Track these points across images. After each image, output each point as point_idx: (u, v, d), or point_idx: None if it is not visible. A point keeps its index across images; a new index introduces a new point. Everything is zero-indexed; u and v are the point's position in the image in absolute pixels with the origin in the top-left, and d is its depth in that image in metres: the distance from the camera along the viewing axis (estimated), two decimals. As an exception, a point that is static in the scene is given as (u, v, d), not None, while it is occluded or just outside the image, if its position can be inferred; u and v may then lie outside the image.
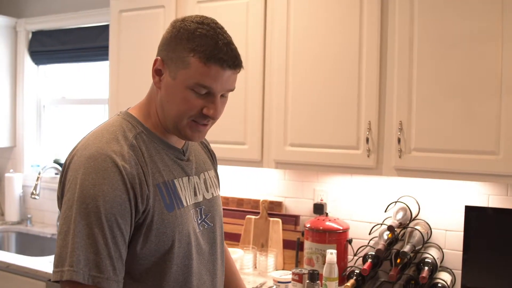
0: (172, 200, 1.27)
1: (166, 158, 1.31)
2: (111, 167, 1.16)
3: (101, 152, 1.18)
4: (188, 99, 1.23)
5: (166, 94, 1.26)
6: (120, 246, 1.16)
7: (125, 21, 2.87)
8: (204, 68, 1.20)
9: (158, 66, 1.27)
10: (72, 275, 1.09)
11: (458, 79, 2.04)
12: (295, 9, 2.38)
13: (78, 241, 1.11)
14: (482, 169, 2.01)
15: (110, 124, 1.29)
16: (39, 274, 2.67)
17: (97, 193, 1.13)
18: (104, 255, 1.12)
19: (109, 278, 1.13)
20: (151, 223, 1.21)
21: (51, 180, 3.76)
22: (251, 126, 2.47)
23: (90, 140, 1.23)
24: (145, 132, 1.29)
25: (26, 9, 3.96)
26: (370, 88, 2.21)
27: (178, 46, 1.23)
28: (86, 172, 1.16)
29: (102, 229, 1.13)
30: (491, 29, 1.98)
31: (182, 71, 1.22)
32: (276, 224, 2.77)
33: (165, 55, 1.26)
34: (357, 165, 2.25)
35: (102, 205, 1.13)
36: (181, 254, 1.28)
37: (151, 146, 1.28)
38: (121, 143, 1.22)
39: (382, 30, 2.20)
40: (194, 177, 1.39)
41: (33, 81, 3.96)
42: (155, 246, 1.22)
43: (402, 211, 2.38)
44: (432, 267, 2.19)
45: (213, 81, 1.21)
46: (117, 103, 2.89)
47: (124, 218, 1.16)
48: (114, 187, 1.15)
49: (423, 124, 2.10)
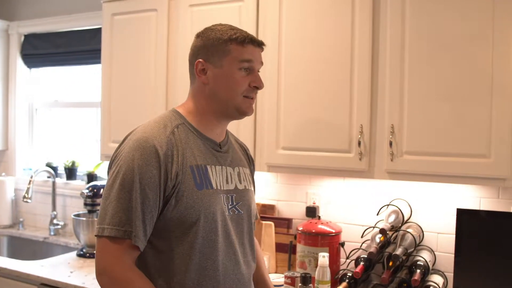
0: (202, 181, 1.50)
1: (203, 147, 1.55)
2: (149, 147, 1.43)
3: (144, 136, 1.46)
4: (237, 78, 1.54)
5: (217, 83, 1.55)
6: (147, 212, 1.41)
7: (118, 25, 2.87)
8: (242, 49, 1.54)
9: (202, 66, 1.56)
10: (110, 231, 1.38)
11: (450, 82, 2.04)
12: (287, 13, 2.38)
13: (115, 204, 1.39)
14: (473, 172, 2.01)
15: (160, 116, 1.57)
16: (30, 278, 2.65)
17: (134, 167, 1.41)
18: (135, 216, 1.38)
19: (137, 235, 1.39)
20: (181, 197, 1.44)
21: (43, 184, 3.74)
22: (243, 129, 2.47)
23: (140, 128, 1.52)
24: (186, 124, 1.55)
25: (18, 12, 3.94)
26: (362, 91, 2.21)
27: (215, 43, 1.54)
28: (129, 150, 1.44)
29: (135, 196, 1.39)
30: (482, 31, 1.99)
31: (226, 58, 1.53)
32: (269, 227, 2.77)
33: (204, 55, 1.56)
34: (349, 168, 2.26)
35: (137, 176, 1.40)
36: (207, 228, 1.48)
37: (190, 135, 1.54)
38: (162, 130, 1.49)
39: (374, 33, 2.21)
40: (227, 167, 1.61)
41: (25, 84, 3.95)
42: (184, 217, 1.45)
43: (394, 214, 2.39)
44: (424, 270, 2.20)
45: (251, 56, 1.55)
46: (110, 106, 2.88)
47: (153, 190, 1.41)
48: (148, 163, 1.41)
49: (414, 127, 2.11)
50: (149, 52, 2.74)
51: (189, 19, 2.62)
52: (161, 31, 2.70)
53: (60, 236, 3.55)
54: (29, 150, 3.99)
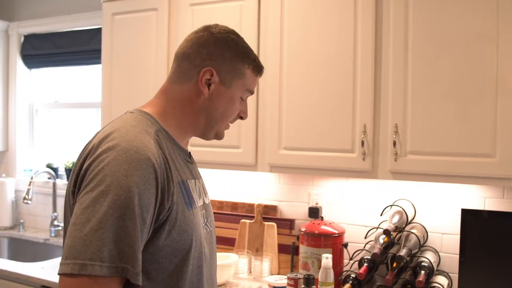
0: (189, 199, 1.28)
1: (179, 158, 1.32)
2: (144, 160, 1.12)
3: (133, 145, 1.13)
4: (237, 105, 1.39)
5: (215, 101, 1.35)
6: (143, 242, 1.12)
7: (118, 24, 2.85)
8: (254, 78, 1.40)
9: (210, 77, 1.33)
10: (99, 269, 1.03)
11: (454, 81, 2.02)
12: (289, 12, 2.36)
13: (104, 232, 1.04)
14: (478, 172, 1.99)
15: (129, 119, 1.25)
16: (31, 280, 2.64)
17: (131, 185, 1.08)
18: (136, 248, 1.08)
19: (138, 273, 1.08)
20: (175, 220, 1.19)
21: (44, 185, 3.73)
22: (245, 129, 2.45)
23: (118, 133, 1.17)
24: (162, 130, 1.29)
25: (18, 12, 3.93)
26: (365, 91, 2.19)
27: (235, 57, 1.35)
28: (119, 163, 1.09)
29: (133, 222, 1.08)
30: (486, 30, 1.96)
31: (237, 80, 1.36)
32: (271, 228, 2.75)
33: (218, 66, 1.33)
34: (353, 169, 2.23)
35: (135, 197, 1.08)
36: (196, 254, 1.26)
37: (168, 144, 1.28)
38: (147, 137, 1.19)
39: (376, 32, 2.18)
40: (196, 180, 1.40)
41: (26, 85, 3.93)
42: (176, 245, 1.20)
43: (398, 214, 2.36)
44: (428, 271, 2.18)
45: (254, 87, 1.43)
46: (110, 106, 2.86)
47: (150, 214, 1.12)
48: (146, 180, 1.11)
49: (418, 127, 2.09)
50: (149, 52, 2.72)
51: (190, 18, 2.60)
52: (162, 30, 2.68)
53: (60, 238, 3.53)
54: (30, 151, 3.97)
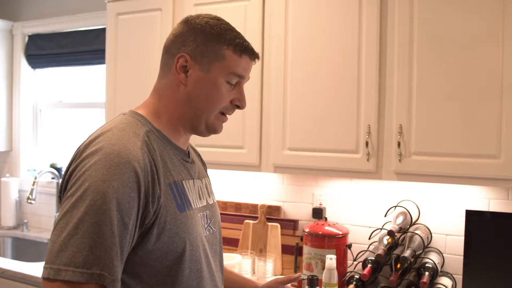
0: (182, 201, 1.25)
1: (174, 158, 1.30)
2: (124, 163, 1.10)
3: (115, 149, 1.12)
4: (221, 90, 1.30)
5: (196, 88, 1.29)
6: (125, 248, 1.10)
7: (122, 24, 2.85)
8: (238, 59, 1.30)
9: (183, 63, 1.28)
10: (72, 275, 1.02)
11: (459, 81, 2.02)
12: (293, 12, 2.36)
13: (80, 238, 1.03)
14: (482, 173, 1.99)
15: (119, 121, 1.25)
16: (34, 280, 2.64)
17: (107, 190, 1.06)
18: (113, 254, 1.06)
19: (115, 280, 1.06)
20: (164, 224, 1.17)
21: (48, 185, 3.73)
22: (249, 130, 2.45)
23: (103, 137, 1.17)
24: (154, 131, 1.27)
25: (22, 12, 3.94)
26: (370, 91, 2.19)
27: (209, 40, 1.28)
28: (97, 168, 1.09)
29: (110, 227, 1.06)
30: (491, 30, 1.96)
31: (216, 63, 1.28)
32: (275, 229, 2.75)
33: (192, 51, 1.28)
34: (357, 169, 2.23)
35: (113, 202, 1.06)
36: (193, 257, 1.24)
37: (161, 145, 1.26)
38: (134, 139, 1.18)
39: (381, 32, 2.18)
40: (196, 180, 1.38)
41: (30, 85, 3.94)
42: (167, 248, 1.18)
43: (402, 215, 2.36)
44: (432, 272, 2.17)
45: (244, 71, 1.33)
46: (114, 106, 2.86)
47: (131, 218, 1.10)
48: (125, 184, 1.09)
49: (423, 128, 2.08)
50: (154, 52, 2.72)
51: (194, 19, 2.59)
52: (166, 30, 2.68)
53: (64, 238, 3.53)
54: (33, 151, 3.98)
